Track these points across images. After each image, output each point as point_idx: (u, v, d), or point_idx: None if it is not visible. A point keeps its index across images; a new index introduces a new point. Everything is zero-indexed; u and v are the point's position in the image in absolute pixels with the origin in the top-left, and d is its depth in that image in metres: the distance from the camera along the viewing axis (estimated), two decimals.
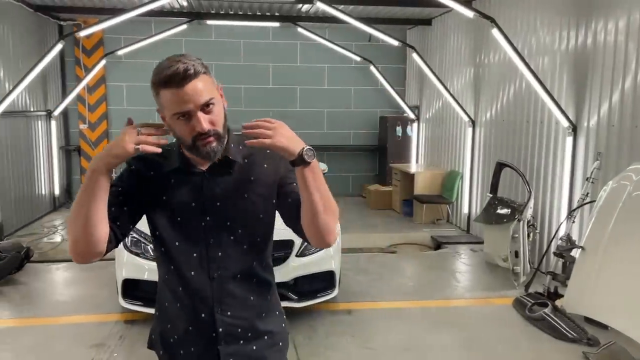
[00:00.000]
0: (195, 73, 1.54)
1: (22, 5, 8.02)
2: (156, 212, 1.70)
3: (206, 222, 1.68)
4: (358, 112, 10.93)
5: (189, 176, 1.69)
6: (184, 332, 1.73)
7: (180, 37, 9.82)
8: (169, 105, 1.56)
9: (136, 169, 1.69)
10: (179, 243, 1.69)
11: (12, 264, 5.56)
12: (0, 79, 7.32)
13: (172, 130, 1.61)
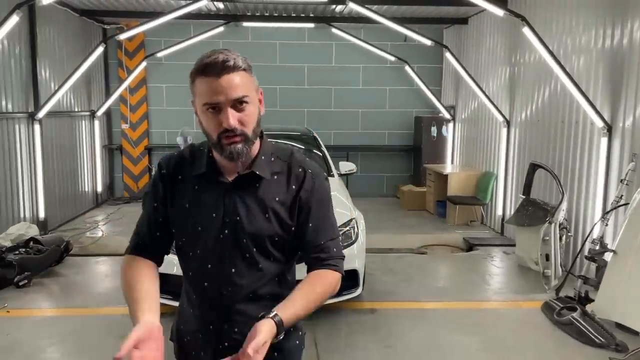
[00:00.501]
0: (234, 67, 1.50)
1: (68, 10, 8.40)
2: (179, 217, 1.65)
3: (224, 235, 1.60)
4: (393, 112, 10.89)
5: (214, 184, 1.62)
6: (195, 336, 1.70)
7: (218, 39, 10.03)
8: (201, 94, 1.52)
9: (167, 172, 1.67)
10: (198, 252, 1.63)
11: (52, 257, 5.84)
12: (46, 80, 7.68)
13: (200, 124, 1.59)
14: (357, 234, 4.86)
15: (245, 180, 1.61)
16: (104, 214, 8.99)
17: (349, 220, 4.87)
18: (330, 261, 1.70)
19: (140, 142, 10.32)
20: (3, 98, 6.57)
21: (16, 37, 6.84)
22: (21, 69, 7.02)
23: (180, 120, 10.05)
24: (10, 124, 6.74)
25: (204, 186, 1.63)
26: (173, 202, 1.66)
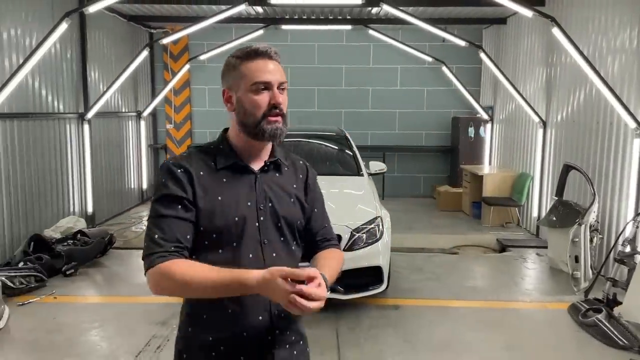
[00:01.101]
0: (276, 58, 1.67)
1: (116, 16, 8.87)
2: (214, 211, 1.62)
3: (260, 222, 1.66)
4: (430, 113, 10.89)
5: (242, 174, 1.68)
6: (235, 339, 1.63)
7: (258, 41, 10.32)
8: (252, 74, 1.61)
9: (184, 171, 1.62)
10: (236, 244, 1.63)
11: (97, 249, 6.23)
12: (95, 82, 8.15)
13: (238, 108, 1.65)
14: (382, 232, 4.98)
15: (269, 169, 1.73)
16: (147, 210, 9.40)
17: (374, 218, 4.99)
18: (333, 242, 1.90)
19: (184, 141, 10.74)
20: (55, 99, 7.03)
21: (68, 42, 7.30)
22: (72, 72, 7.48)
23: (221, 121, 10.39)
24: (62, 123, 7.20)
25: (232, 177, 1.67)
26: (202, 199, 1.61)
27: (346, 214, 4.96)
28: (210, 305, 1.61)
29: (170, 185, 1.61)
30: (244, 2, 7.32)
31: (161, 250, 1.54)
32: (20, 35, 6.13)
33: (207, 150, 1.71)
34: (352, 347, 4.17)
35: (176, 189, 1.60)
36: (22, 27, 6.15)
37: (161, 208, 1.59)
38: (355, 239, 4.80)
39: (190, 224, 1.60)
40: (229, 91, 1.69)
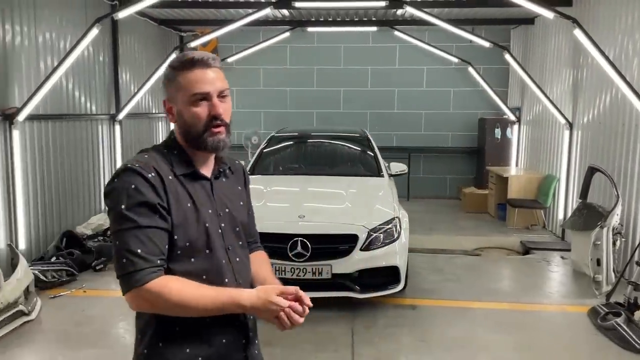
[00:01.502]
0: (215, 65, 1.62)
1: (148, 20, 9.14)
2: (188, 218, 1.57)
3: (222, 228, 1.65)
4: (457, 114, 10.85)
5: (200, 181, 1.65)
6: (213, 348, 1.61)
7: (285, 43, 10.50)
8: (189, 86, 1.57)
9: (154, 176, 1.54)
10: (208, 251, 1.60)
11: None
12: (126, 84, 8.42)
13: (179, 120, 1.61)
14: (399, 232, 5.03)
15: (219, 176, 1.72)
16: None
17: (391, 219, 5.05)
18: (259, 243, 1.96)
19: None
20: (88, 101, 7.31)
21: (100, 46, 7.58)
22: (104, 74, 7.76)
23: (248, 122, 10.60)
24: (94, 124, 7.48)
25: (191, 185, 1.62)
26: (174, 207, 1.54)
27: (363, 214, 5.04)
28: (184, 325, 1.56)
29: (144, 191, 1.50)
30: (269, 6, 7.46)
31: (149, 266, 1.47)
32: (55, 39, 6.41)
33: (163, 154, 1.62)
34: (367, 345, 4.25)
35: (152, 195, 1.50)
36: (56, 32, 6.43)
37: (138, 217, 1.47)
38: (372, 239, 4.86)
39: (166, 233, 1.53)
40: (169, 102, 1.64)
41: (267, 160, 6.52)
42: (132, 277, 1.47)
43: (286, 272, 4.72)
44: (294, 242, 4.69)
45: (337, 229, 4.83)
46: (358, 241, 4.79)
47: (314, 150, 7.00)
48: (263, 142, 6.95)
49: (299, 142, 7.08)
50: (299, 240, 4.69)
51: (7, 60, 5.60)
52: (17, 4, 5.73)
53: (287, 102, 10.92)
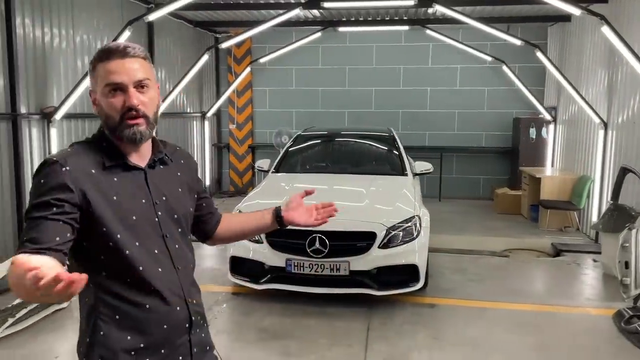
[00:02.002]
0: (134, 54, 1.58)
1: (183, 22, 9.41)
2: (107, 215, 1.54)
3: (159, 217, 1.65)
4: (491, 113, 10.68)
5: (131, 172, 1.63)
6: (155, 334, 1.63)
7: (317, 43, 10.59)
8: (104, 77, 1.56)
9: (71, 169, 1.51)
10: (139, 243, 1.59)
11: None
12: (162, 84, 8.70)
13: (99, 111, 1.60)
14: (419, 231, 5.03)
15: (155, 164, 1.70)
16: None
17: (411, 217, 5.05)
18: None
19: (245, 141, 11.18)
20: None
21: None
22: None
23: (280, 122, 10.75)
24: None
25: (122, 176, 1.61)
26: (97, 201, 1.53)
27: (383, 212, 5.07)
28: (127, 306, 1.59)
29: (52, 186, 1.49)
30: (298, 6, 7.56)
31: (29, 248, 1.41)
32: (92, 40, 6.71)
33: (90, 147, 1.61)
34: (380, 341, 4.28)
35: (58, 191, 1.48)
36: (93, 33, 6.73)
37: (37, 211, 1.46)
38: (391, 236, 4.88)
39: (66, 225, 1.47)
40: (93, 93, 1.62)
41: (292, 159, 6.62)
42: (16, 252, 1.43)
43: (304, 268, 4.80)
44: (312, 238, 4.76)
45: (355, 226, 4.87)
46: (376, 239, 4.82)
47: (338, 149, 7.05)
48: (289, 140, 7.06)
49: (325, 141, 7.16)
50: (317, 236, 4.76)
51: (46, 61, 5.91)
52: (57, 7, 6.03)
53: (318, 101, 11.01)
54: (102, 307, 1.60)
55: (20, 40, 5.48)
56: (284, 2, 8.16)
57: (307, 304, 4.97)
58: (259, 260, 4.99)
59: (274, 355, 4.05)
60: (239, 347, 4.26)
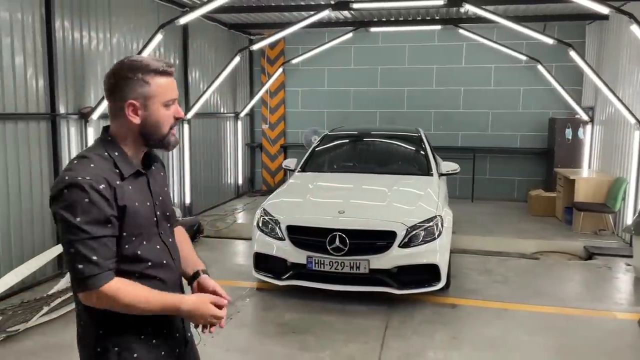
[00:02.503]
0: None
1: (218, 25, 9.64)
2: (131, 218, 1.72)
3: (157, 216, 1.82)
4: (526, 114, 10.49)
5: (139, 177, 1.79)
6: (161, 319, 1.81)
7: (349, 44, 10.65)
8: (164, 91, 1.74)
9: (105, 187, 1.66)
10: (146, 241, 1.78)
11: None
12: (196, 85, 8.94)
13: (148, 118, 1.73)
14: (440, 231, 5.03)
15: (150, 166, 1.88)
16: (242, 204, 10.11)
17: (432, 217, 5.06)
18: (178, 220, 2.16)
19: (277, 141, 11.34)
20: None
21: (171, 49, 8.12)
22: (175, 77, 8.27)
23: (312, 122, 10.87)
24: None
25: (135, 183, 1.77)
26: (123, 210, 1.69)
27: (404, 212, 5.10)
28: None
29: (96, 204, 1.62)
30: (327, 8, 7.65)
31: (101, 271, 1.62)
32: (128, 42, 6.97)
33: (105, 158, 1.72)
34: (397, 339, 4.32)
35: (104, 208, 1.63)
36: (130, 35, 6.99)
37: (91, 229, 1.61)
38: (412, 236, 4.90)
39: (114, 238, 1.68)
40: (135, 102, 1.71)
41: (318, 158, 6.72)
42: (87, 281, 1.62)
43: (325, 265, 4.88)
44: (333, 236, 4.84)
45: (375, 225, 4.92)
46: (396, 238, 4.86)
47: (364, 148, 7.10)
48: (316, 140, 7.15)
49: (351, 141, 7.22)
50: (337, 234, 4.84)
51: (84, 63, 6.19)
52: (94, 11, 6.30)
53: (350, 102, 11.07)
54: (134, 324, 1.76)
55: (60, 43, 5.76)
56: (314, 3, 8.25)
57: (327, 300, 5.04)
58: (281, 257, 5.10)
59: (291, 349, 4.15)
60: (258, 340, 4.39)
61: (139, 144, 1.79)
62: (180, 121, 1.84)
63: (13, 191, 5.24)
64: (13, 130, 5.23)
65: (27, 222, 5.43)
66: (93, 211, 1.62)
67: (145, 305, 1.68)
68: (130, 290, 1.67)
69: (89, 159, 1.70)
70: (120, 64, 1.74)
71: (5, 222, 5.15)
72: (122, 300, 1.65)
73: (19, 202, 5.32)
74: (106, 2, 6.50)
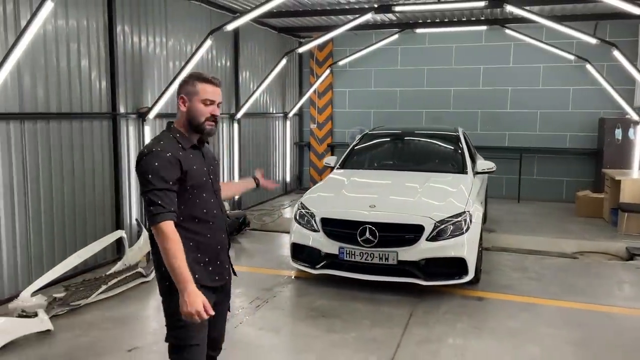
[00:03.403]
0: (219, 85, 2.64)
1: (268, 29, 10.10)
2: (195, 177, 2.51)
3: (211, 178, 2.65)
4: (576, 114, 10.33)
5: (197, 150, 2.61)
6: (214, 251, 2.61)
7: (396, 45, 10.85)
8: (204, 93, 2.52)
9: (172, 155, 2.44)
10: (205, 194, 2.58)
11: (232, 228, 7.36)
12: (246, 87, 9.42)
13: (188, 111, 2.53)
14: (468, 226, 5.21)
15: (203, 146, 2.69)
16: (289, 200, 10.52)
17: (461, 212, 5.24)
18: None
19: (325, 140, 11.69)
20: None
21: (223, 52, 8.63)
22: (225, 77, 8.81)
23: (358, 122, 11.15)
24: None
25: (193, 153, 2.58)
26: (187, 169, 2.48)
27: (433, 207, 5.30)
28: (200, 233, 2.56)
29: (162, 166, 2.40)
30: (370, 11, 7.92)
31: (165, 211, 2.37)
32: (182, 46, 7.50)
33: (171, 139, 2.53)
34: (420, 326, 4.54)
35: (167, 170, 2.41)
36: (184, 40, 7.52)
37: (158, 183, 2.38)
38: (440, 230, 5.11)
39: (175, 193, 2.46)
40: (186, 97, 2.54)
41: (357, 156, 7.00)
42: (153, 217, 2.38)
43: (355, 256, 5.17)
44: (363, 228, 5.13)
45: (403, 219, 5.16)
46: (424, 231, 5.08)
47: (402, 147, 7.31)
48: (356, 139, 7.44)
49: (390, 139, 7.45)
50: (367, 227, 5.12)
51: (142, 66, 6.75)
52: (152, 18, 6.86)
53: (396, 102, 11.25)
54: (188, 235, 2.51)
55: (120, 47, 6.33)
56: (358, 7, 8.53)
57: (358, 290, 5.33)
58: (316, 247, 5.43)
59: (319, 331, 4.47)
60: (289, 322, 4.75)
61: (188, 128, 2.56)
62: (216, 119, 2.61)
63: (78, 183, 5.84)
64: (79, 129, 5.82)
65: (90, 211, 6.02)
66: (161, 171, 2.38)
67: (172, 259, 2.34)
68: (172, 240, 2.35)
69: (159, 139, 2.53)
70: (187, 74, 2.63)
71: (71, 211, 5.75)
72: (164, 242, 2.34)
73: (83, 192, 5.91)
74: (163, 10, 7.05)
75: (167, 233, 2.35)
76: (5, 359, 3.93)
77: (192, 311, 2.31)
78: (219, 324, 2.80)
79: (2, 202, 4.98)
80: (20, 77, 5.09)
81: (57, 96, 5.52)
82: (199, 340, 2.55)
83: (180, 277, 2.33)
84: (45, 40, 5.33)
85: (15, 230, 5.12)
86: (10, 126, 5.03)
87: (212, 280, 2.61)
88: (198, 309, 2.31)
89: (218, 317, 2.67)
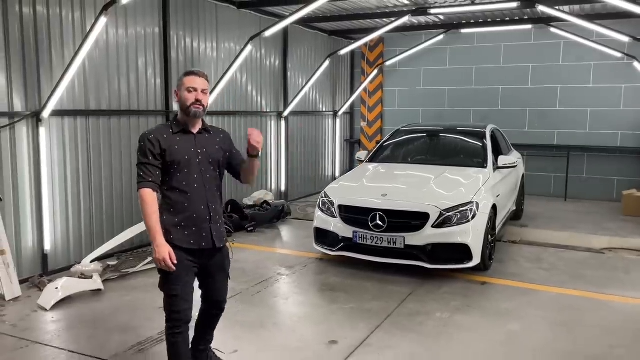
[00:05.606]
0: (202, 76, 3.15)
1: (317, 32, 10.74)
2: (174, 155, 3.04)
3: (199, 160, 3.13)
4: (628, 112, 10.15)
5: (187, 135, 3.14)
6: (190, 218, 3.08)
7: (445, 45, 11.14)
8: (188, 82, 3.08)
9: (154, 137, 3.03)
10: (187, 170, 3.08)
11: (272, 215, 8.09)
12: (294, 86, 10.11)
13: (180, 99, 3.09)
14: (475, 215, 5.57)
15: (201, 133, 3.21)
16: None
17: (468, 202, 5.62)
18: None
19: (374, 137, 12.17)
20: (262, 100, 9.17)
21: (273, 53, 9.38)
22: (274, 77, 9.54)
23: (407, 119, 11.52)
24: (265, 120, 9.32)
25: (182, 136, 3.14)
26: (165, 148, 3.03)
27: (441, 197, 5.72)
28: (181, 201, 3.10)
29: (147, 146, 3.04)
30: (407, 15, 8.35)
31: (145, 180, 3.02)
32: (232, 49, 8.29)
33: (166, 125, 3.18)
34: (415, 302, 4.99)
35: (150, 148, 3.03)
36: (233, 43, 8.33)
37: (143, 159, 3.03)
38: (445, 218, 5.52)
39: (157, 168, 3.05)
40: (177, 90, 3.14)
41: (385, 151, 7.49)
42: (138, 185, 3.06)
43: (367, 240, 5.69)
44: (374, 215, 5.64)
45: (410, 207, 5.61)
46: (429, 219, 5.51)
47: (428, 142, 7.70)
48: (387, 135, 7.91)
49: (418, 135, 7.86)
50: (377, 213, 5.63)
51: (196, 66, 7.60)
52: (204, 24, 7.70)
53: (445, 100, 11.52)
54: (164, 204, 3.11)
55: (174, 50, 7.19)
56: (398, 10, 8.95)
57: (372, 271, 5.85)
58: (334, 231, 6.00)
59: (323, 301, 5.06)
60: (299, 292, 5.37)
61: (182, 115, 3.13)
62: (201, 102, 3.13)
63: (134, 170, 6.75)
64: (136, 125, 6.74)
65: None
66: (144, 149, 3.03)
67: (146, 217, 3.02)
68: (146, 203, 3.00)
69: (158, 126, 3.20)
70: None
71: (128, 194, 6.65)
72: (141, 204, 3.00)
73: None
74: (214, 16, 7.88)
75: (144, 197, 2.99)
76: (66, 308, 4.83)
77: (160, 257, 2.93)
78: (216, 288, 3.33)
79: (70, 186, 5.96)
80: (86, 79, 6.04)
81: (117, 95, 6.44)
82: (179, 292, 3.07)
83: (151, 231, 2.97)
84: (107, 46, 6.25)
85: (80, 210, 6.08)
86: (77, 122, 6.00)
87: (187, 243, 3.08)
88: (164, 256, 2.92)
89: (213, 282, 3.29)
